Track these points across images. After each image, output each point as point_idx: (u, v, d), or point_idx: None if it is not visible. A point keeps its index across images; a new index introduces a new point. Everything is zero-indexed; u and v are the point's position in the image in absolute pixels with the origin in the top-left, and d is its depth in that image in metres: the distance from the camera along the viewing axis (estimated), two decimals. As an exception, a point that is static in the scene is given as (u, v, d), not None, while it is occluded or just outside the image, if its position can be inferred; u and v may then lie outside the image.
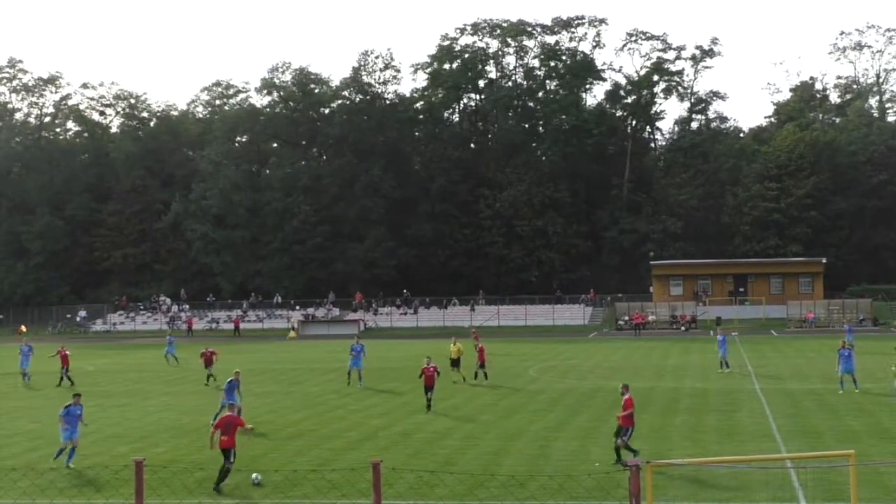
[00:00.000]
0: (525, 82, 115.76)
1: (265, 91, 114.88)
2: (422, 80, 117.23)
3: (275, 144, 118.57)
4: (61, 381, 44.97)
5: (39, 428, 31.80)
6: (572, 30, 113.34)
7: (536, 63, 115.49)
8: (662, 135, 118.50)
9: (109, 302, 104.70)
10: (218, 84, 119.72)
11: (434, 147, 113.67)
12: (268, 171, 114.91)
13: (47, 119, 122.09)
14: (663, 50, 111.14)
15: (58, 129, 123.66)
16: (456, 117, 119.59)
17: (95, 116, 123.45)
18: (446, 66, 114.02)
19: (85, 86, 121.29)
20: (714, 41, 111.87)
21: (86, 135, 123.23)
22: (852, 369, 37.02)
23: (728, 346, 46.74)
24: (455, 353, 44.37)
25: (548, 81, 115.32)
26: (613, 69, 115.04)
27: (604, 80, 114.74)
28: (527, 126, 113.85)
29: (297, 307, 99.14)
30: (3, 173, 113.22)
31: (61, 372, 45.58)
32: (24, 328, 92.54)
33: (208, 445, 23.41)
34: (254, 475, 22.89)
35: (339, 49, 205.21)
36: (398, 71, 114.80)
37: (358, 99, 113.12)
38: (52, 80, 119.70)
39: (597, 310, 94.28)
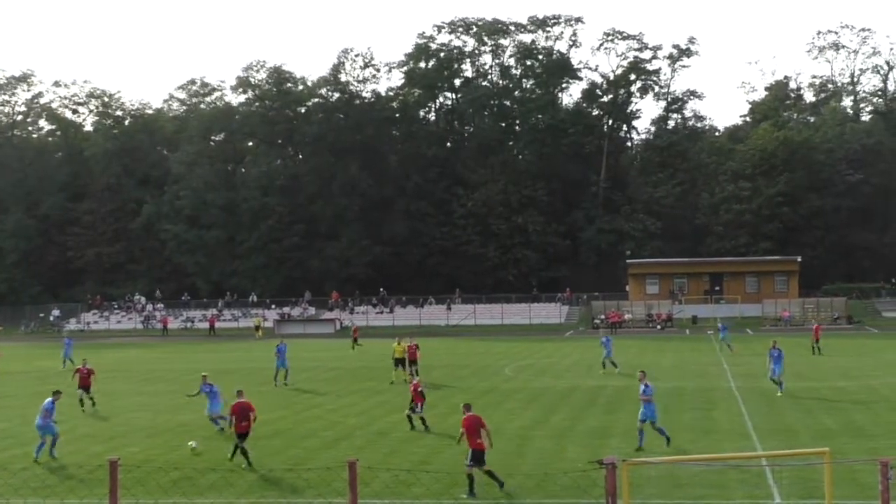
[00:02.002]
0: (501, 81, 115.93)
1: (240, 89, 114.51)
2: (397, 78, 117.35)
3: (250, 143, 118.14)
4: None
5: (10, 427, 31.53)
6: (548, 29, 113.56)
7: (512, 62, 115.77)
8: (639, 134, 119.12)
9: (83, 301, 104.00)
10: (192, 82, 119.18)
11: (410, 146, 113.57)
12: (243, 170, 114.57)
13: (19, 117, 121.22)
14: (640, 49, 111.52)
15: (30, 128, 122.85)
16: (432, 116, 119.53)
17: (68, 115, 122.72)
18: (422, 64, 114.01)
19: (57, 84, 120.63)
20: (691, 41, 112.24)
21: (59, 133, 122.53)
22: (780, 370, 36.86)
23: (612, 347, 46.65)
24: (399, 352, 44.47)
25: (524, 80, 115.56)
26: (590, 68, 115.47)
27: (580, 79, 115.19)
28: (503, 125, 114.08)
29: (273, 306, 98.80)
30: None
31: None
32: None
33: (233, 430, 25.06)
34: (191, 442, 26.55)
35: (314, 47, 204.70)
36: (378, 70, 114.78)
37: (335, 97, 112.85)
38: (23, 78, 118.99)
39: (573, 308, 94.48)
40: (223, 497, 21.19)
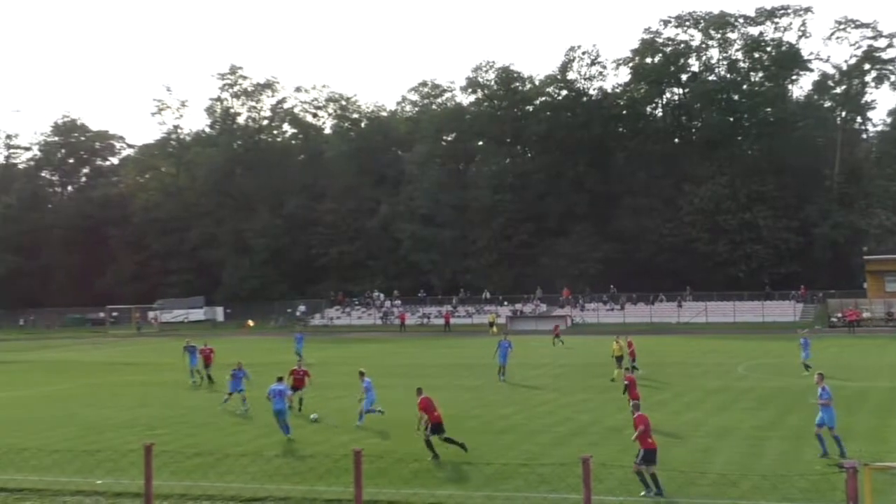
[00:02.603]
0: (729, 75, 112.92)
1: (470, 90, 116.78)
2: (624, 74, 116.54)
3: (480, 142, 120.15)
4: (210, 380, 44.44)
5: (265, 417, 33.38)
6: (776, 20, 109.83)
7: (740, 55, 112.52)
8: (874, 125, 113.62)
9: (326, 297, 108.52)
10: (424, 84, 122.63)
11: (636, 142, 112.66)
12: (473, 169, 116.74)
13: (265, 122, 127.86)
14: (874, 38, 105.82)
15: (275, 132, 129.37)
16: (659, 112, 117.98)
17: (309, 119, 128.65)
18: (648, 60, 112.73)
19: (299, 89, 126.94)
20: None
21: (300, 136, 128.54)
22: None
23: (810, 350, 44.76)
24: (617, 350, 44.77)
25: (752, 73, 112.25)
26: (821, 59, 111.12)
27: (810, 70, 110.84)
28: (731, 119, 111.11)
29: (506, 302, 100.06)
30: (227, 174, 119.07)
31: (206, 371, 44.98)
32: (250, 323, 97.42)
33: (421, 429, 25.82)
34: (313, 415, 32.25)
35: (541, 46, 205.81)
36: (604, 67, 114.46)
37: (562, 95, 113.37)
38: (268, 85, 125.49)
39: (808, 306, 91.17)
40: (461, 489, 21.96)
